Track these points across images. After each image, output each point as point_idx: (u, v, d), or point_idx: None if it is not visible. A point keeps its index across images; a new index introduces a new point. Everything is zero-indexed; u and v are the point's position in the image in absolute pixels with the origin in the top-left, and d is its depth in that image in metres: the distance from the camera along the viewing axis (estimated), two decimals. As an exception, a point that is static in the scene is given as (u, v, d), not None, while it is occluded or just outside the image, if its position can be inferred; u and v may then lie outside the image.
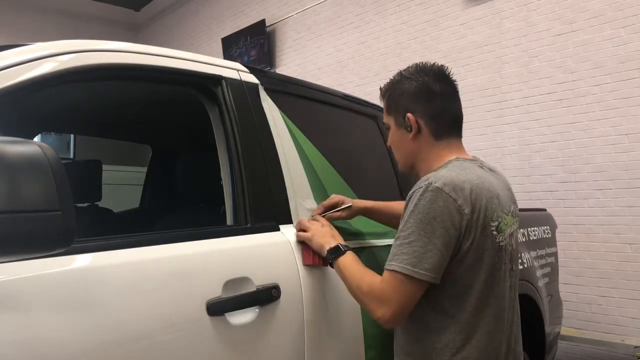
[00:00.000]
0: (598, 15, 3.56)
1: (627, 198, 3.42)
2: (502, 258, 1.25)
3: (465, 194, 1.17)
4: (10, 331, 0.88)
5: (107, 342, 1.00)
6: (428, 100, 1.30)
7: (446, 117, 1.32)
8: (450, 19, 4.45)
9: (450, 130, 1.33)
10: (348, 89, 4.93)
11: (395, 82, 1.36)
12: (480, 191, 1.20)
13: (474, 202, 1.18)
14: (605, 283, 3.52)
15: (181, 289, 1.15)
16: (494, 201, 1.22)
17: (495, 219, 1.22)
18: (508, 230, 1.27)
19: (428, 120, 1.31)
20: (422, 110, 1.31)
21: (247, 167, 1.42)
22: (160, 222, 2.13)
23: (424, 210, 1.16)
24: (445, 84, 1.33)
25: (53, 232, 0.82)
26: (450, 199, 1.16)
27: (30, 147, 0.81)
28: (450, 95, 1.34)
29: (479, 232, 1.18)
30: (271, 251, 1.38)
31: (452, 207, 1.16)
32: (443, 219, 1.15)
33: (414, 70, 1.34)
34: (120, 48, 1.28)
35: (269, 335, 1.29)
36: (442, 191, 1.16)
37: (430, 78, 1.31)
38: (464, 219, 1.16)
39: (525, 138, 3.94)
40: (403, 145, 1.36)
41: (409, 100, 1.32)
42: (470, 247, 1.18)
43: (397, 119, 1.35)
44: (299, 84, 1.84)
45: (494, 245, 1.22)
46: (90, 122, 2.31)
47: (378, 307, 1.20)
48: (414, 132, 1.31)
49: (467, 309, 1.20)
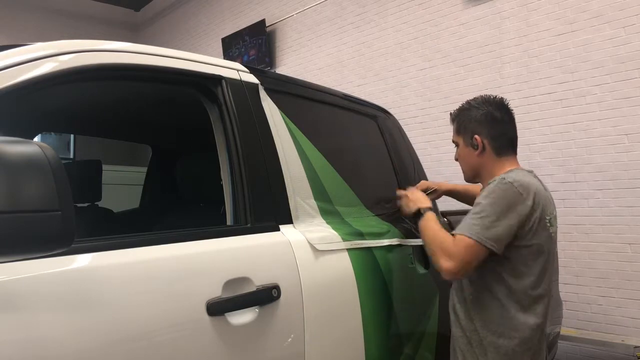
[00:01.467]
0: (598, 15, 3.56)
1: (627, 198, 3.42)
2: (553, 246, 1.58)
3: (529, 190, 1.50)
4: (10, 331, 0.88)
5: (107, 342, 1.00)
6: (492, 125, 1.64)
7: (505, 139, 1.66)
8: (450, 19, 4.44)
9: (508, 149, 1.67)
10: (348, 89, 4.93)
11: (465, 110, 1.71)
12: (539, 191, 1.54)
13: (535, 198, 1.50)
14: (605, 283, 3.52)
15: (181, 289, 1.15)
16: (548, 201, 1.57)
17: (549, 214, 1.55)
18: (555, 224, 1.61)
19: (491, 141, 1.64)
20: (486, 133, 1.64)
21: (247, 167, 1.42)
22: (160, 222, 2.13)
23: (497, 196, 1.50)
24: (504, 112, 1.67)
25: (53, 232, 0.82)
26: (518, 192, 1.49)
27: (30, 147, 0.81)
28: (509, 121, 1.68)
29: (537, 222, 1.50)
30: (271, 251, 1.38)
31: (519, 199, 1.49)
32: (510, 206, 1.48)
33: (480, 101, 1.70)
34: (120, 48, 1.28)
35: (269, 335, 1.28)
36: (513, 185, 1.50)
37: (493, 107, 1.66)
38: (527, 209, 1.48)
39: (525, 138, 3.93)
40: (470, 160, 1.69)
41: (476, 124, 1.66)
42: (530, 232, 1.49)
43: (466, 139, 1.69)
44: (299, 84, 1.84)
45: (549, 234, 1.54)
46: (90, 122, 2.31)
47: (446, 260, 1.50)
48: (479, 150, 1.65)
49: (527, 284, 1.50)
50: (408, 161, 2.20)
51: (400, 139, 2.25)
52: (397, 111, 2.61)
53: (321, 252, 1.47)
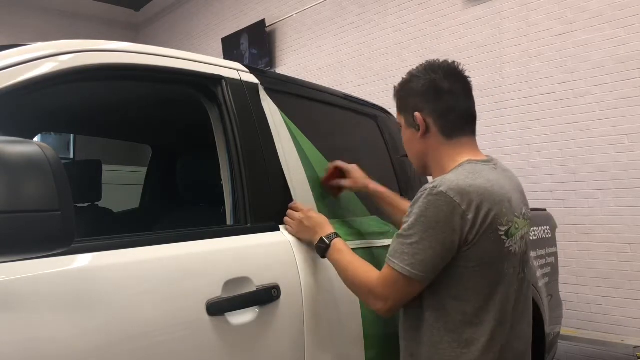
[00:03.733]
0: (598, 15, 3.56)
1: (627, 198, 3.42)
2: (511, 263, 1.23)
3: (470, 198, 1.16)
4: (10, 331, 0.88)
5: (107, 342, 1.00)
6: (436, 98, 1.28)
7: (456, 115, 1.30)
8: (450, 19, 4.45)
9: (462, 129, 1.30)
10: (348, 89, 4.93)
11: (405, 82, 1.36)
12: (488, 196, 1.18)
13: (479, 207, 1.16)
14: (605, 283, 3.52)
15: (181, 289, 1.15)
16: (504, 205, 1.20)
17: (505, 224, 1.20)
18: (519, 233, 1.25)
19: (437, 119, 1.29)
20: (430, 109, 1.29)
21: (247, 167, 1.42)
22: (160, 222, 2.13)
23: (427, 214, 1.16)
24: (454, 81, 1.30)
25: (53, 232, 0.82)
26: (455, 203, 1.15)
27: (30, 147, 0.81)
28: (461, 92, 1.31)
29: (483, 238, 1.17)
30: (271, 251, 1.38)
31: (455, 212, 1.15)
32: (445, 223, 1.15)
33: (423, 68, 1.33)
34: (120, 48, 1.28)
35: (269, 335, 1.28)
36: (447, 195, 1.15)
37: (438, 75, 1.29)
38: (467, 224, 1.15)
39: (525, 138, 3.94)
40: (413, 144, 1.36)
41: (417, 98, 1.31)
42: (472, 251, 1.17)
43: (407, 118, 1.34)
44: (299, 84, 1.84)
45: (502, 250, 1.20)
46: (90, 122, 2.31)
47: (375, 301, 1.25)
48: (421, 130, 1.30)
49: (468, 311, 1.19)
50: (408, 161, 2.19)
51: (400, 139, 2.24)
52: (397, 111, 2.60)
53: (321, 252, 1.46)
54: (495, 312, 1.20)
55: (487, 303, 1.20)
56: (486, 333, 1.19)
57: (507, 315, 1.23)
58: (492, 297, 1.20)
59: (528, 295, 1.32)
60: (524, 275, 1.29)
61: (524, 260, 1.30)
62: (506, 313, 1.23)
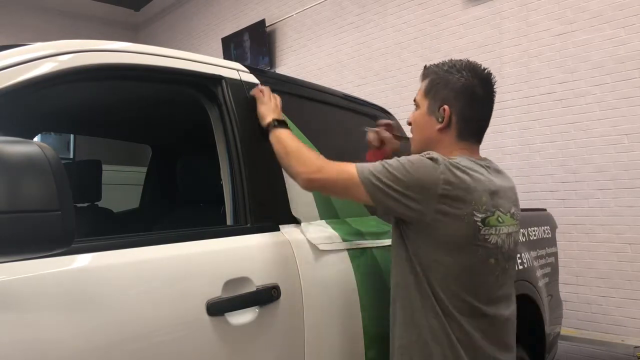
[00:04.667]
0: (598, 15, 3.56)
1: (627, 198, 3.42)
2: (490, 253, 1.27)
3: (453, 171, 1.22)
4: (10, 331, 0.88)
5: (106, 342, 1.00)
6: (469, 102, 1.33)
7: (476, 124, 1.37)
8: (450, 19, 4.45)
9: (474, 136, 1.37)
10: (348, 89, 4.92)
11: (444, 70, 1.36)
12: (470, 181, 1.24)
13: (458, 182, 1.22)
14: (606, 283, 3.52)
15: (181, 289, 1.15)
16: (485, 194, 1.25)
17: (482, 212, 1.24)
18: (503, 229, 1.30)
19: (459, 120, 1.33)
20: (458, 108, 1.33)
21: (247, 167, 1.42)
22: (160, 222, 2.13)
23: (414, 160, 1.25)
24: (488, 92, 1.36)
25: (53, 232, 0.82)
26: (440, 168, 1.22)
27: (30, 147, 0.81)
28: (488, 104, 1.37)
29: (456, 215, 1.22)
30: (271, 251, 1.38)
31: (435, 173, 1.22)
32: (423, 176, 1.22)
33: (466, 67, 1.35)
34: (120, 48, 1.28)
35: (269, 335, 1.28)
36: (437, 160, 1.24)
37: (477, 81, 1.33)
38: (439, 188, 1.21)
39: (525, 138, 3.94)
40: (426, 131, 1.38)
41: (452, 93, 1.33)
42: (443, 224, 1.22)
43: (432, 105, 1.36)
44: (299, 84, 1.84)
45: (477, 235, 1.24)
46: (90, 122, 2.31)
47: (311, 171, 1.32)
48: (443, 124, 1.34)
49: (446, 295, 1.24)
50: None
51: (400, 139, 2.24)
52: (397, 111, 2.61)
53: (321, 252, 1.47)
54: (472, 300, 1.25)
55: (466, 290, 1.25)
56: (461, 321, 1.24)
57: (487, 307, 1.28)
58: (465, 281, 1.25)
59: (509, 294, 1.37)
60: (509, 270, 1.36)
61: (510, 258, 1.35)
62: (486, 303, 1.28)
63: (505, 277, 1.34)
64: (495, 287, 1.31)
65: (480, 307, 1.27)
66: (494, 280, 1.30)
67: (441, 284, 1.25)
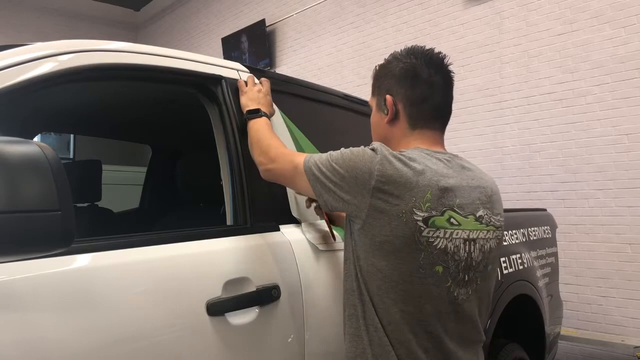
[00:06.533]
0: (598, 15, 3.56)
1: (628, 198, 3.42)
2: (435, 259, 1.10)
3: (392, 162, 1.10)
4: (10, 331, 0.88)
5: (107, 342, 1.00)
6: (412, 84, 1.21)
7: (427, 107, 1.22)
8: (450, 19, 4.45)
9: (429, 122, 1.22)
10: (348, 89, 4.92)
11: (385, 62, 1.29)
12: (412, 173, 1.10)
13: (395, 174, 1.09)
14: (606, 283, 3.52)
15: (181, 289, 1.15)
16: (432, 192, 1.09)
17: (425, 210, 1.08)
18: (459, 232, 1.13)
19: (407, 106, 1.22)
20: (402, 94, 1.22)
21: (247, 167, 1.42)
22: (160, 222, 2.13)
23: (354, 150, 1.16)
24: (435, 71, 1.22)
25: (53, 232, 0.82)
26: (376, 158, 1.11)
27: (30, 147, 0.81)
28: (439, 84, 1.22)
29: (393, 213, 1.08)
30: (271, 251, 1.38)
31: (371, 165, 1.10)
32: (358, 166, 1.12)
33: (405, 51, 1.26)
34: (120, 48, 1.28)
35: (269, 335, 1.28)
36: (376, 150, 1.13)
37: (419, 62, 1.22)
38: (373, 180, 1.09)
39: (525, 138, 3.94)
40: (379, 129, 1.28)
41: (392, 81, 1.23)
42: (378, 222, 1.10)
43: (379, 101, 1.27)
44: (299, 84, 1.84)
45: (417, 238, 1.08)
46: (90, 122, 2.31)
47: (267, 162, 1.30)
48: (389, 116, 1.23)
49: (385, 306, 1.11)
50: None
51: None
52: (397, 111, 2.60)
53: (321, 252, 1.47)
54: (409, 311, 1.10)
55: (401, 298, 1.10)
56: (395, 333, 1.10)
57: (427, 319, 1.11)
58: (405, 291, 1.10)
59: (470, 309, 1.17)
60: (471, 283, 1.16)
61: (472, 268, 1.16)
62: (426, 315, 1.11)
63: (466, 291, 1.15)
64: (445, 302, 1.12)
65: (424, 322, 1.11)
66: (444, 292, 1.11)
67: (378, 292, 1.12)
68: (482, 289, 1.20)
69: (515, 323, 2.21)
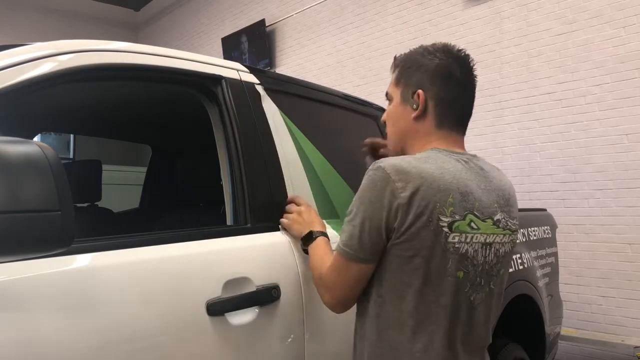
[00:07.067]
0: (598, 15, 3.56)
1: (628, 198, 3.42)
2: (457, 262, 1.09)
3: (408, 177, 1.06)
4: (10, 331, 0.88)
5: (106, 342, 1.00)
6: (446, 84, 1.18)
7: (456, 108, 1.20)
8: (450, 19, 4.45)
9: (454, 123, 1.21)
10: (348, 89, 4.92)
11: (415, 54, 1.24)
12: (432, 181, 1.06)
13: (417, 188, 1.05)
14: (606, 283, 3.52)
15: (181, 289, 1.15)
16: (453, 195, 1.07)
17: (449, 215, 1.06)
18: (478, 237, 1.11)
19: (438, 105, 1.18)
20: (435, 92, 1.18)
21: (247, 167, 1.42)
22: (160, 222, 2.13)
23: (364, 188, 1.11)
24: (467, 74, 1.21)
25: (53, 232, 0.82)
26: (390, 178, 1.06)
27: (30, 147, 0.81)
28: (468, 86, 1.21)
29: (420, 224, 1.05)
30: (271, 251, 1.38)
31: (388, 187, 1.06)
32: (377, 198, 1.07)
33: (440, 48, 1.22)
34: (120, 48, 1.28)
35: (269, 335, 1.28)
36: (384, 170, 1.08)
37: (454, 61, 1.19)
38: (397, 201, 1.05)
39: (525, 138, 3.94)
40: (401, 122, 1.23)
41: (425, 76, 1.19)
42: (408, 237, 1.06)
43: (405, 92, 1.21)
44: (299, 84, 1.84)
45: (444, 245, 1.07)
46: (90, 122, 2.31)
47: (324, 292, 1.20)
48: (419, 111, 1.19)
49: (405, 309, 1.09)
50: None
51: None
52: (397, 111, 2.60)
53: (321, 252, 1.46)
54: (437, 317, 1.08)
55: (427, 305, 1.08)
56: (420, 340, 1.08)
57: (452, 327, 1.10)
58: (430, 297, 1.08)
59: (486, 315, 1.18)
60: (485, 289, 1.15)
61: (489, 272, 1.15)
62: (451, 322, 1.10)
63: (481, 296, 1.14)
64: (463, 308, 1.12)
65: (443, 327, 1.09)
66: (462, 297, 1.11)
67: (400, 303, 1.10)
68: (495, 294, 1.19)
69: (515, 323, 2.21)
